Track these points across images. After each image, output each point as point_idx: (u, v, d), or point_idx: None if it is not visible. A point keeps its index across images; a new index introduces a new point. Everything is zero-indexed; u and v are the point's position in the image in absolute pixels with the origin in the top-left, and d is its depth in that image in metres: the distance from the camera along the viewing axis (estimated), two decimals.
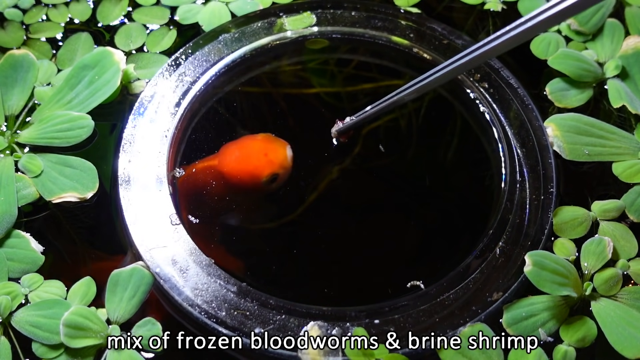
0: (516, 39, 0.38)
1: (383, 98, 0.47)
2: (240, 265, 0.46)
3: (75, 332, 0.40)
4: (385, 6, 0.56)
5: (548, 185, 0.47)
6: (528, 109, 0.51)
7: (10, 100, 0.51)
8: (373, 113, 0.48)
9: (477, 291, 0.43)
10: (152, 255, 0.43)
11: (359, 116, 0.48)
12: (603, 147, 0.50)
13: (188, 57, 0.52)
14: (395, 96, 0.46)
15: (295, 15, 0.55)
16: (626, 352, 0.41)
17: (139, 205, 0.45)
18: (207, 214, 0.47)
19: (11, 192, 0.46)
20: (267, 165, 0.47)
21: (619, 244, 0.46)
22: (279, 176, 0.48)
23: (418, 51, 0.54)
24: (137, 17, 0.57)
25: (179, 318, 0.43)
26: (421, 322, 0.42)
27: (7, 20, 0.57)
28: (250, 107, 0.53)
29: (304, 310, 0.42)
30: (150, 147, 0.48)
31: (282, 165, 0.47)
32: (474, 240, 0.45)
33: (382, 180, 0.51)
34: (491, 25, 0.58)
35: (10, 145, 0.49)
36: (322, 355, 0.40)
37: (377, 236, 0.48)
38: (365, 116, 0.48)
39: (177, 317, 0.43)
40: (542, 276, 0.42)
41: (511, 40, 0.38)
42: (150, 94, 0.50)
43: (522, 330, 0.42)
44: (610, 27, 0.56)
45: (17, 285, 0.44)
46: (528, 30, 0.37)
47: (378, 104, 0.47)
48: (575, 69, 0.53)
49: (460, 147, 0.52)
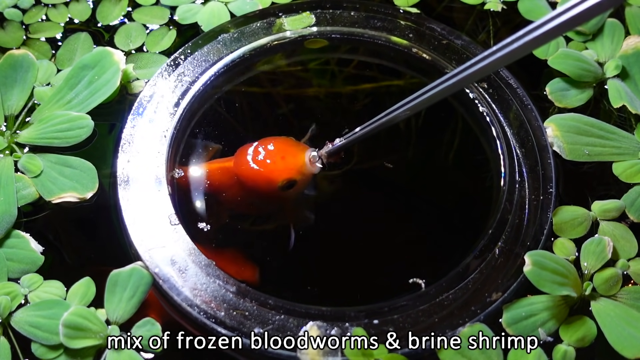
0: (516, 53, 0.36)
1: (373, 119, 0.45)
2: (253, 272, 0.45)
3: (74, 332, 0.40)
4: (384, 6, 0.56)
5: (547, 186, 0.47)
6: (527, 109, 0.50)
7: (10, 100, 0.51)
8: (363, 134, 0.45)
9: (477, 291, 0.43)
10: (151, 256, 0.43)
11: (348, 138, 0.46)
12: (603, 147, 0.50)
13: (187, 57, 0.52)
14: (385, 117, 0.44)
15: (295, 15, 0.55)
16: (626, 352, 0.41)
17: (138, 205, 0.45)
18: (220, 215, 0.46)
19: (11, 192, 0.46)
20: (283, 170, 0.45)
21: (618, 244, 0.46)
22: (298, 182, 0.46)
23: (417, 51, 0.54)
24: (136, 17, 0.57)
25: (178, 318, 0.43)
26: (420, 322, 0.42)
27: (7, 20, 0.57)
28: (249, 107, 0.53)
29: (303, 311, 0.42)
30: (149, 147, 0.48)
31: (300, 171, 0.45)
32: (473, 241, 0.45)
33: (382, 180, 0.51)
34: (491, 25, 0.58)
35: (10, 145, 0.49)
36: (322, 355, 0.40)
37: (377, 236, 0.48)
38: (355, 137, 0.46)
39: (178, 319, 0.43)
40: (542, 276, 0.42)
41: (513, 54, 0.36)
42: (149, 93, 0.50)
43: (522, 330, 0.42)
44: (611, 27, 0.56)
45: (17, 286, 0.44)
46: (528, 44, 0.36)
47: (368, 125, 0.45)
48: (575, 69, 0.53)
49: (459, 147, 0.51)
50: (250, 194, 0.47)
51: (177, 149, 0.49)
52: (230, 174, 0.47)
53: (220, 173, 0.48)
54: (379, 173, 0.51)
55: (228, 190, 0.47)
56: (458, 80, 0.40)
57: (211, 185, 0.47)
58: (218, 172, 0.48)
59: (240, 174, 0.46)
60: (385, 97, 0.54)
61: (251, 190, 0.47)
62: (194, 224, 0.46)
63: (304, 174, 0.46)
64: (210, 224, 0.46)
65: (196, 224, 0.46)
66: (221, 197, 0.47)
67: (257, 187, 0.46)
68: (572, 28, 0.35)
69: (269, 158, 0.46)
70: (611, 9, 0.44)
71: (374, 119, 0.45)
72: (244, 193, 0.47)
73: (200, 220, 0.46)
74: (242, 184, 0.46)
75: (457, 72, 0.39)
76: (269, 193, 0.46)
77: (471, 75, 0.39)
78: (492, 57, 0.37)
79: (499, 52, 0.37)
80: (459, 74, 0.39)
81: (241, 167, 0.46)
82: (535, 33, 0.35)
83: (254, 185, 0.46)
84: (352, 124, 0.48)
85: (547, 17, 0.35)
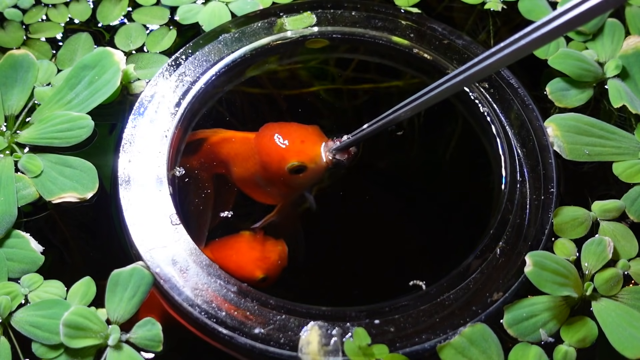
0: (517, 53, 0.36)
1: (381, 115, 0.45)
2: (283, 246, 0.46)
3: (75, 332, 0.40)
4: (385, 6, 0.56)
5: (548, 185, 0.47)
6: (528, 109, 0.51)
7: (10, 100, 0.51)
8: (371, 131, 0.46)
9: (478, 291, 0.43)
10: (152, 255, 0.43)
11: (356, 135, 0.47)
12: (603, 147, 0.50)
13: (188, 57, 0.52)
14: (394, 112, 0.44)
15: (296, 15, 0.55)
16: (627, 353, 0.41)
17: (139, 206, 0.45)
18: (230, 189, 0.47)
19: (11, 192, 0.46)
20: (297, 152, 0.46)
21: (619, 244, 0.46)
22: (307, 170, 0.46)
23: (418, 51, 0.54)
24: (137, 17, 0.57)
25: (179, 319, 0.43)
26: (421, 322, 0.42)
27: (7, 20, 0.57)
28: (250, 107, 0.53)
29: (304, 310, 0.42)
30: (150, 147, 0.48)
31: (313, 159, 0.46)
32: (474, 241, 0.45)
33: (383, 180, 0.51)
34: (491, 25, 0.58)
35: (10, 145, 0.49)
36: (322, 355, 0.40)
37: (377, 236, 0.48)
38: (362, 134, 0.46)
39: (179, 320, 0.43)
40: (543, 276, 0.42)
41: (513, 54, 0.36)
42: (150, 94, 0.50)
43: (523, 331, 0.42)
44: (611, 27, 0.56)
45: (17, 286, 0.43)
46: (531, 43, 0.36)
47: (376, 122, 0.46)
48: (575, 69, 0.53)
49: (460, 147, 0.51)
50: (261, 172, 0.47)
51: (178, 149, 0.49)
52: (250, 146, 0.48)
53: (241, 142, 0.48)
54: (380, 173, 0.51)
55: (242, 162, 0.48)
56: (461, 79, 0.40)
57: (229, 153, 0.48)
58: (239, 141, 0.48)
59: (258, 144, 0.47)
60: (386, 97, 0.54)
61: (263, 165, 0.47)
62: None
63: (316, 164, 0.46)
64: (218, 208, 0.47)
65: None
66: (232, 170, 0.48)
67: (269, 162, 0.46)
68: (573, 29, 0.35)
69: (288, 137, 0.46)
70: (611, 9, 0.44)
71: (381, 116, 0.45)
72: (256, 169, 0.47)
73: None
74: (257, 159, 0.47)
75: (460, 71, 0.40)
76: (278, 173, 0.46)
77: (475, 74, 0.39)
78: (495, 57, 0.37)
79: (501, 52, 0.37)
80: (462, 72, 0.40)
81: (262, 138, 0.47)
82: (537, 33, 0.35)
83: (267, 159, 0.47)
84: (353, 124, 0.48)
85: (548, 17, 0.35)
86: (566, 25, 0.34)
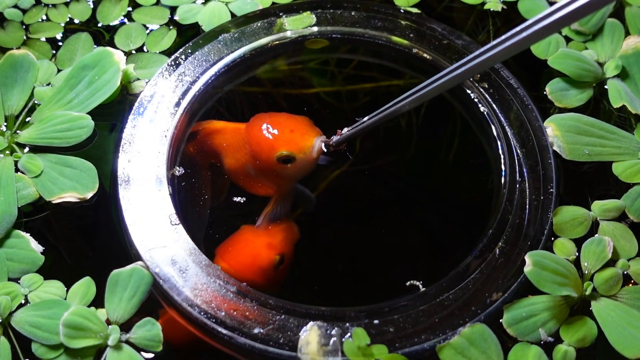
0: (517, 46, 0.37)
1: (381, 108, 0.45)
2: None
3: (74, 332, 0.40)
4: (385, 6, 0.56)
5: (548, 186, 0.47)
6: (528, 109, 0.51)
7: (10, 100, 0.51)
8: (370, 124, 0.46)
9: (477, 291, 0.43)
10: (152, 255, 0.43)
11: (356, 127, 0.47)
12: (603, 147, 0.50)
13: (188, 57, 0.52)
14: (393, 106, 0.45)
15: (295, 15, 0.55)
16: (626, 352, 0.41)
17: (138, 205, 0.45)
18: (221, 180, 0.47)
19: (11, 192, 0.46)
20: (285, 142, 0.46)
21: (619, 244, 0.46)
22: (296, 160, 0.46)
23: (418, 51, 0.54)
24: (137, 17, 0.57)
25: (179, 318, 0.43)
26: (421, 322, 0.42)
27: (7, 20, 0.57)
28: (250, 107, 0.53)
29: (303, 311, 0.42)
30: (149, 147, 0.48)
31: (302, 149, 0.46)
32: (473, 241, 0.45)
33: (382, 181, 0.51)
34: (491, 25, 0.58)
35: (10, 145, 0.49)
36: (322, 356, 0.40)
37: (377, 236, 0.48)
38: (362, 127, 0.47)
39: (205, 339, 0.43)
40: (542, 276, 0.42)
41: (511, 49, 0.37)
42: (149, 93, 0.50)
43: (523, 330, 0.42)
44: (610, 27, 0.56)
45: (17, 286, 0.44)
46: (528, 37, 0.36)
47: (375, 114, 0.46)
48: (575, 69, 0.53)
49: (460, 147, 0.51)
50: (252, 162, 0.47)
51: (177, 148, 0.49)
52: (241, 136, 0.48)
53: (232, 133, 0.48)
54: (379, 173, 0.51)
55: (234, 153, 0.48)
56: (458, 74, 0.40)
57: (221, 143, 0.48)
58: (231, 132, 0.48)
59: (248, 134, 0.47)
60: (386, 97, 0.54)
61: (253, 155, 0.47)
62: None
63: (305, 154, 0.46)
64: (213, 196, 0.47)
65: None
66: (224, 161, 0.48)
67: (259, 152, 0.47)
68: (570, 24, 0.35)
69: (278, 127, 0.46)
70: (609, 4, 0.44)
71: (380, 109, 0.45)
72: (247, 159, 0.47)
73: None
74: (248, 149, 0.47)
75: (458, 65, 0.40)
76: (268, 162, 0.46)
77: (474, 67, 0.39)
78: (493, 50, 0.38)
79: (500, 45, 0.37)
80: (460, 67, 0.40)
81: (252, 128, 0.47)
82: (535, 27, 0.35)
83: (257, 149, 0.47)
84: (352, 123, 0.48)
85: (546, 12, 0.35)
86: (562, 21, 0.34)
